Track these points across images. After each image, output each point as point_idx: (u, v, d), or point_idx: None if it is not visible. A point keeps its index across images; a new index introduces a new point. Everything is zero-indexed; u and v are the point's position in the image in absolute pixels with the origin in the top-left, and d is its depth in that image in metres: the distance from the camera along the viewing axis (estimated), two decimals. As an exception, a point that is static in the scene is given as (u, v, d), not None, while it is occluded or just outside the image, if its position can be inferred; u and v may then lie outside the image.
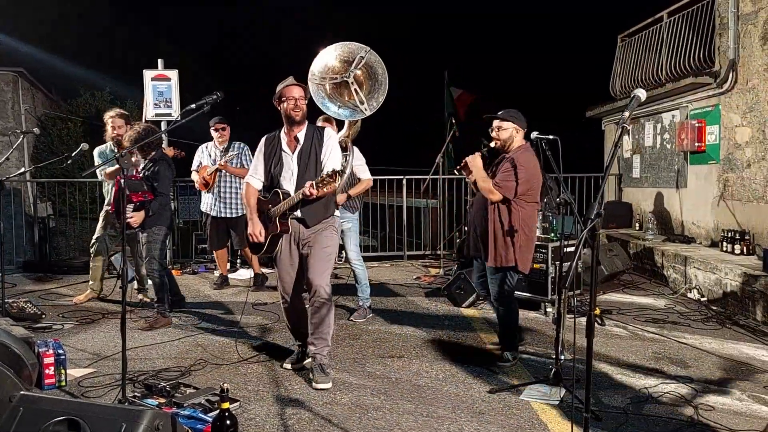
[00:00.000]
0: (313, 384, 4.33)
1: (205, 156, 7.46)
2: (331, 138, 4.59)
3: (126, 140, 5.89)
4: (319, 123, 6.26)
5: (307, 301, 4.68)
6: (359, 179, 6.03)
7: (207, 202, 7.46)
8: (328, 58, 5.55)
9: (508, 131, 4.67)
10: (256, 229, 4.50)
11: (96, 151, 6.75)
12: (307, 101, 4.58)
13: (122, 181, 5.71)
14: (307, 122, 4.58)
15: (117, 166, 6.22)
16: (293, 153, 4.52)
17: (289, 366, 4.72)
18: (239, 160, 7.27)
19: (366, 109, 5.40)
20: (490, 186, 4.59)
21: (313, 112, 5.81)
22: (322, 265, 4.46)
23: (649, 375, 4.58)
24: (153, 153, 6.01)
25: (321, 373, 4.38)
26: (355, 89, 5.55)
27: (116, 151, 6.53)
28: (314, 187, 4.16)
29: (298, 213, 4.45)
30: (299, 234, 4.49)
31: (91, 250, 6.84)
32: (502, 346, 4.93)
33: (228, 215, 7.40)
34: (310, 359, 4.63)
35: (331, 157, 4.49)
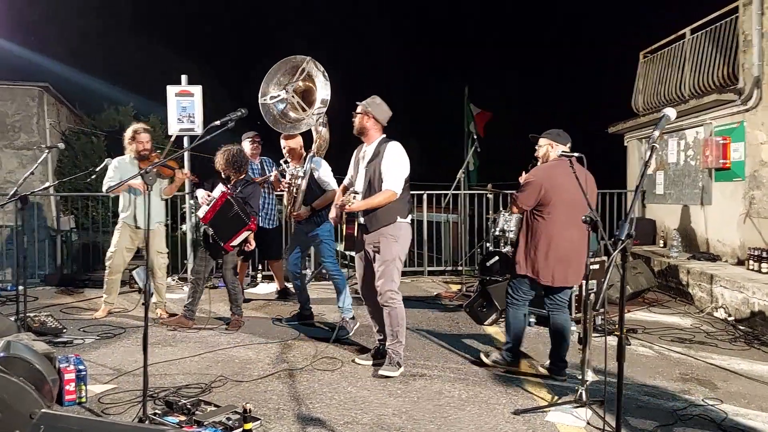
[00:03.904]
0: (379, 370, 4.88)
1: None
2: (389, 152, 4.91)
3: (219, 164, 6.21)
4: (282, 141, 6.39)
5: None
6: (324, 191, 6.18)
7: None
8: (271, 77, 6.27)
9: (543, 148, 4.94)
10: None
11: (115, 163, 6.68)
12: (362, 117, 5.02)
13: (233, 202, 5.88)
14: (376, 136, 5.03)
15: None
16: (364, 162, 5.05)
17: (362, 362, 5.17)
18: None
19: (312, 117, 6.02)
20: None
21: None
22: (382, 272, 4.89)
23: (676, 397, 4.48)
24: (245, 174, 6.34)
25: (388, 364, 4.91)
26: (298, 102, 5.95)
27: (138, 164, 6.56)
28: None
29: (361, 219, 4.94)
30: (365, 237, 4.97)
31: (108, 263, 6.79)
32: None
33: (266, 226, 7.59)
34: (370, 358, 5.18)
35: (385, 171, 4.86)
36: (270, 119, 6.28)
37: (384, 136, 5.05)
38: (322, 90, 6.06)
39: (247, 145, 7.57)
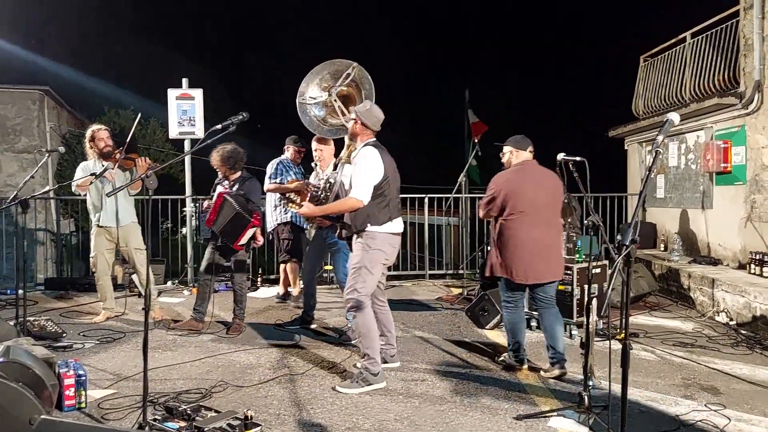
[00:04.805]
0: (336, 386, 4.67)
1: (290, 172, 7.44)
2: (357, 158, 4.81)
3: (215, 161, 6.20)
4: (314, 143, 6.33)
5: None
6: None
7: (294, 214, 7.38)
8: (313, 78, 5.99)
9: (506, 155, 5.17)
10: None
11: (81, 166, 6.70)
12: (354, 123, 4.91)
13: (232, 201, 5.81)
14: (363, 141, 4.88)
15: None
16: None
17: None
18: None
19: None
20: None
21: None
22: (348, 278, 4.81)
23: (679, 402, 4.46)
24: (241, 172, 6.35)
25: (350, 380, 4.69)
26: (339, 107, 5.81)
27: (103, 164, 6.46)
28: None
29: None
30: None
31: (93, 269, 6.75)
32: None
33: (305, 227, 7.61)
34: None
35: (353, 178, 4.76)
36: (306, 120, 6.04)
37: (371, 140, 4.87)
38: (369, 95, 5.90)
39: (291, 151, 7.58)
